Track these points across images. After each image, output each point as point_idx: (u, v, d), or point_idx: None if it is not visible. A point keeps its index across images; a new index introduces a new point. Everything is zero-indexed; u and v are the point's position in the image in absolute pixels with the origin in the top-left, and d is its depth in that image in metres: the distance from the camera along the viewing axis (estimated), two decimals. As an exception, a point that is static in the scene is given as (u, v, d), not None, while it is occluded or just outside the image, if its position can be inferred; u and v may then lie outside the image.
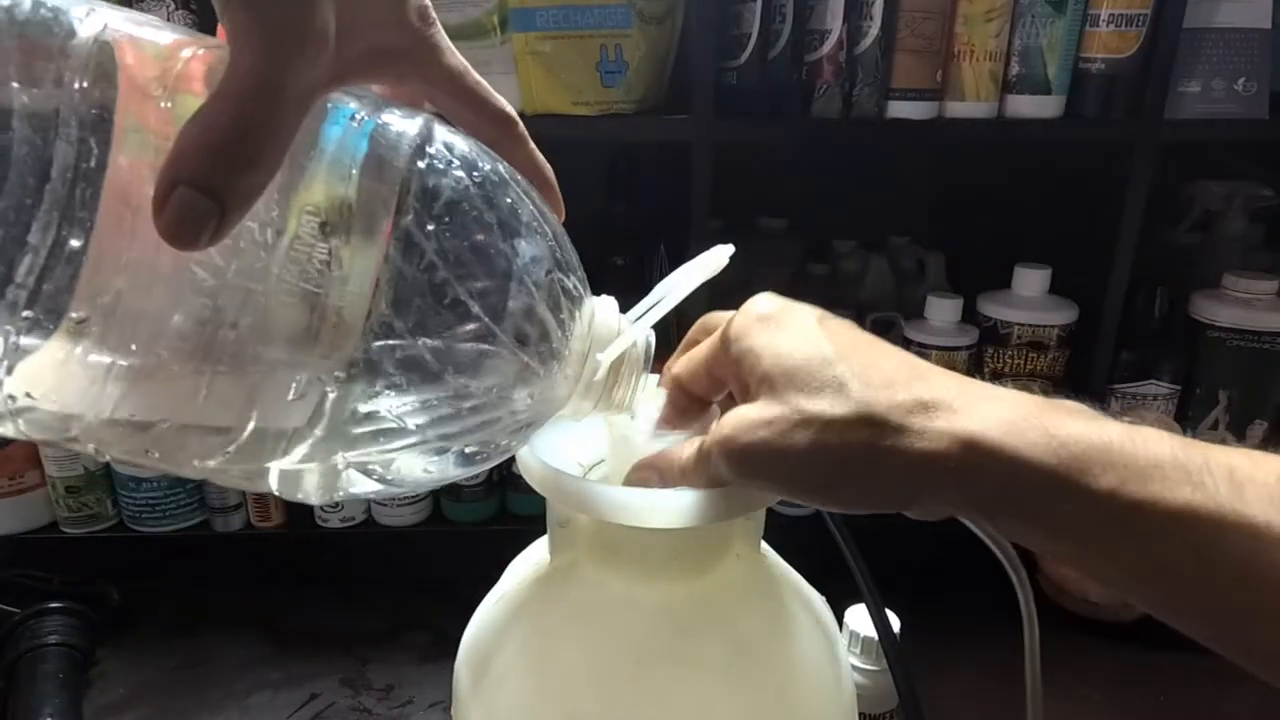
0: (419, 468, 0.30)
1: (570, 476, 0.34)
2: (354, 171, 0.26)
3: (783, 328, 0.31)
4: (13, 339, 0.23)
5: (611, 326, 0.33)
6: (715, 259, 0.34)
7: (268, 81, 0.22)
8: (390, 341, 0.26)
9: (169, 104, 0.24)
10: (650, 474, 0.34)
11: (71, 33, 0.23)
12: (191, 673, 0.78)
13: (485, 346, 0.28)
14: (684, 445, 0.33)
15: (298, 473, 0.28)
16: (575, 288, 0.31)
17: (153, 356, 0.24)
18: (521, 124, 0.33)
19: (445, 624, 0.83)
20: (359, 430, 0.27)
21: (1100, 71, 0.78)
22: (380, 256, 0.26)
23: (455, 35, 0.77)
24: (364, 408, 0.27)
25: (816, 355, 0.29)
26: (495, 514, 0.90)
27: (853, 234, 1.03)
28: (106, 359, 0.24)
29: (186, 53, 0.25)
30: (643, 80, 0.77)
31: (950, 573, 0.86)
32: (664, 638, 0.36)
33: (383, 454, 0.28)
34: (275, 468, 0.28)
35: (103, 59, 0.23)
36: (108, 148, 0.23)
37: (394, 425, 0.28)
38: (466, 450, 0.30)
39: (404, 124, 0.27)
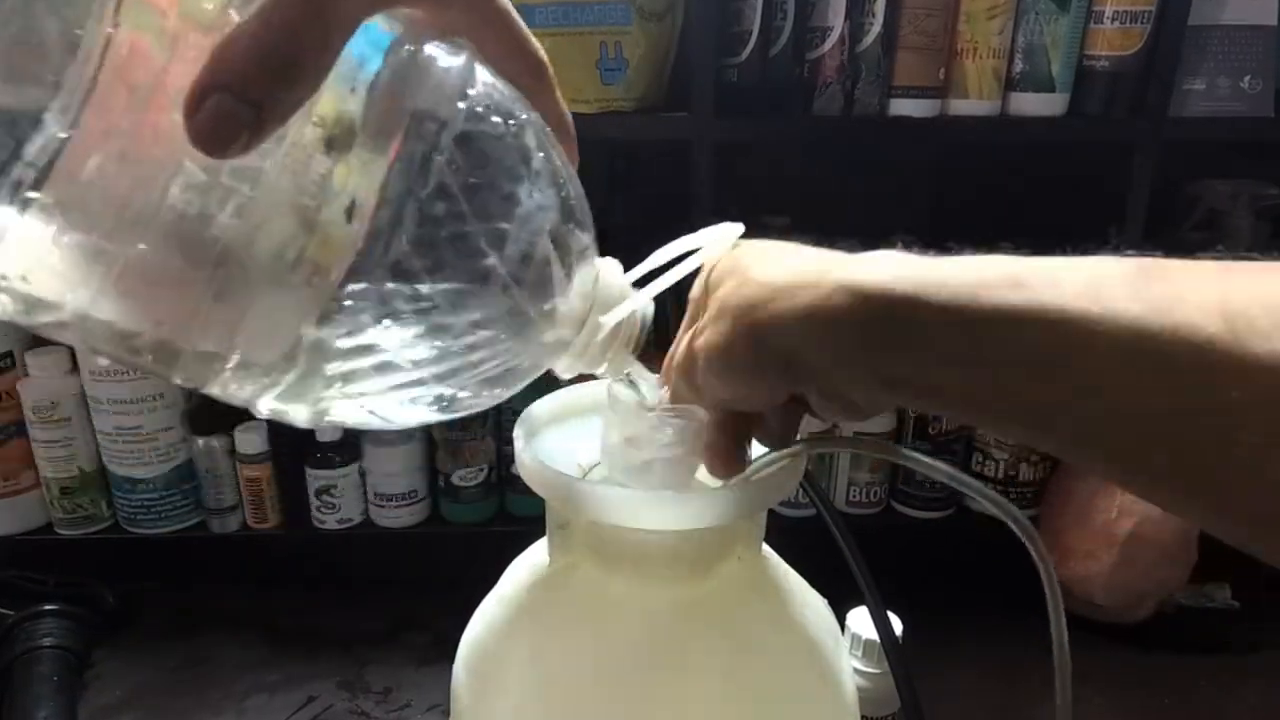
0: (404, 406, 0.29)
1: (570, 478, 0.34)
2: (364, 89, 0.25)
3: (727, 273, 0.32)
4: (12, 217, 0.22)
5: (616, 290, 0.32)
6: (727, 234, 0.34)
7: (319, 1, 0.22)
8: (382, 269, 0.25)
9: None
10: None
11: None
12: (188, 675, 0.77)
13: (483, 284, 0.27)
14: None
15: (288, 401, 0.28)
16: (588, 246, 0.31)
17: (129, 246, 0.23)
18: (551, 71, 0.32)
19: (444, 626, 0.83)
20: (343, 365, 0.27)
21: (1104, 69, 0.78)
22: (381, 179, 0.25)
23: (454, 32, 0.76)
24: (348, 343, 0.26)
25: (736, 268, 0.31)
26: (494, 515, 0.89)
27: (855, 232, 1.02)
28: (78, 244, 0.23)
29: None
30: (642, 78, 0.77)
31: (952, 574, 0.85)
32: (665, 640, 0.36)
33: (366, 390, 0.28)
34: (267, 397, 0.27)
35: None
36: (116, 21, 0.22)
37: (379, 360, 0.27)
38: (457, 394, 0.30)
39: (448, 57, 0.27)
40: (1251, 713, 0.75)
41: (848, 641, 0.60)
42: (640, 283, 0.34)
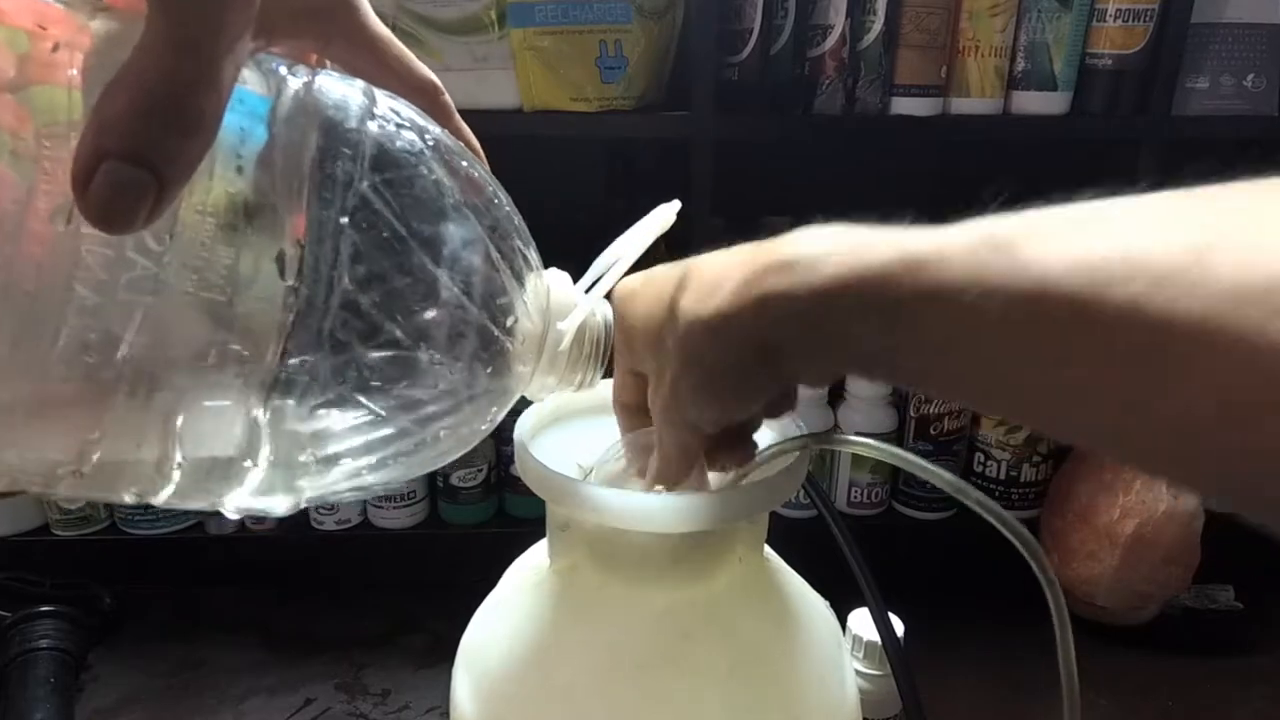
0: (390, 473, 0.28)
1: (570, 479, 0.34)
2: (252, 164, 0.23)
3: (641, 298, 0.32)
4: None
5: (569, 298, 0.32)
6: (662, 217, 0.33)
7: (198, 34, 0.20)
8: (324, 328, 0.23)
9: (26, 100, 0.21)
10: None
11: None
12: (185, 677, 0.77)
13: (439, 314, 0.25)
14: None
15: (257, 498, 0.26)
16: (531, 257, 0.30)
17: (29, 390, 0.21)
18: (446, 94, 0.31)
19: (442, 628, 0.82)
20: (307, 455, 0.25)
21: (1107, 67, 0.77)
22: (297, 236, 0.23)
23: (452, 30, 0.77)
24: (306, 428, 0.24)
25: (657, 305, 0.31)
26: (493, 516, 0.89)
27: (855, 233, 1.02)
28: None
29: (55, 34, 0.21)
30: (643, 76, 0.77)
31: (954, 575, 0.85)
32: (666, 642, 0.35)
33: (347, 473, 0.26)
34: (232, 499, 0.26)
35: None
36: None
37: (347, 444, 0.25)
38: (437, 450, 0.28)
39: (342, 85, 0.25)
40: (1255, 715, 0.75)
41: (849, 643, 0.60)
42: (591, 290, 0.34)
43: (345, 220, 0.23)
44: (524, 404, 0.35)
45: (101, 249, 0.21)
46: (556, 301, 0.31)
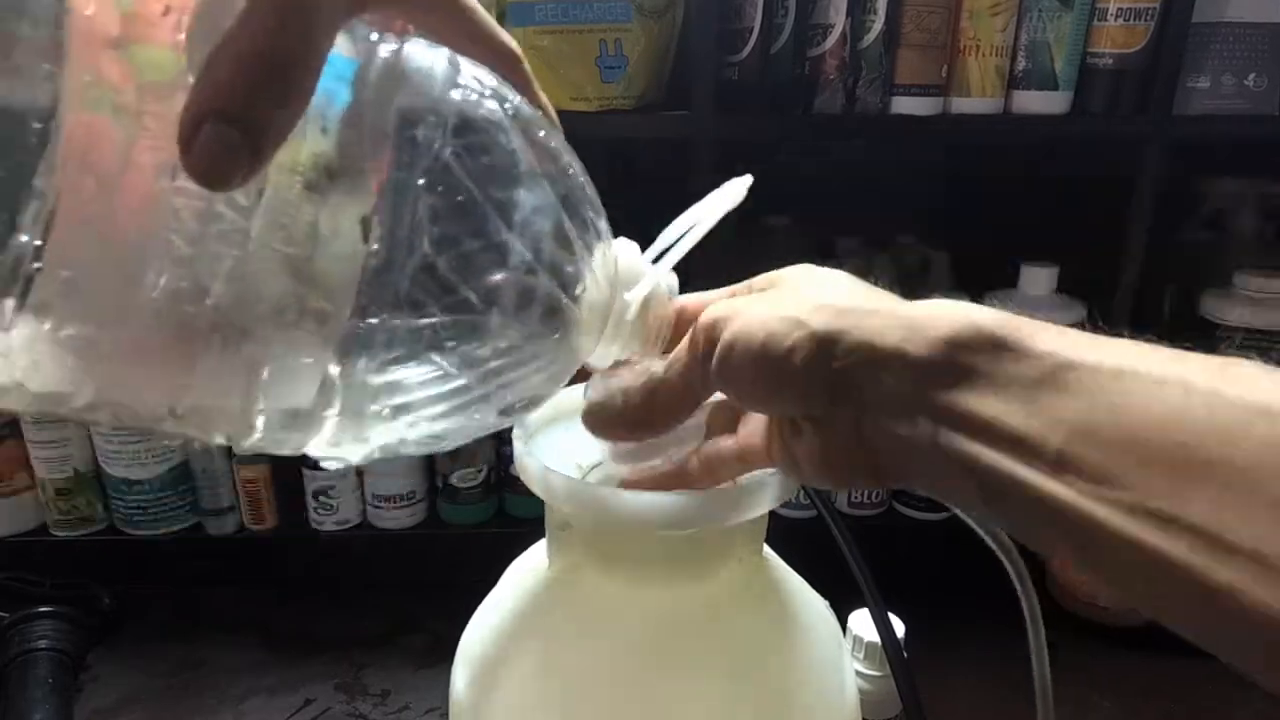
0: (456, 423, 0.28)
1: (570, 479, 0.33)
2: (336, 125, 0.24)
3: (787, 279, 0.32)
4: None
5: (636, 268, 0.32)
6: (734, 191, 0.33)
7: (298, 3, 0.21)
8: (400, 288, 0.24)
9: (129, 57, 0.22)
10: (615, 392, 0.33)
11: None
12: (184, 678, 0.77)
13: (512, 279, 0.26)
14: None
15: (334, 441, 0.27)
16: (603, 227, 0.30)
17: (126, 334, 0.22)
18: (525, 63, 0.32)
19: (442, 628, 0.82)
20: (379, 405, 0.26)
21: (1108, 67, 0.77)
22: (374, 199, 0.24)
23: (452, 29, 0.76)
24: (376, 380, 0.25)
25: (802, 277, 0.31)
26: (493, 516, 0.89)
27: (856, 232, 1.02)
28: (74, 336, 0.22)
29: None
30: (643, 76, 0.77)
31: (955, 576, 0.85)
32: (665, 643, 0.35)
33: (413, 425, 0.27)
34: (310, 447, 0.27)
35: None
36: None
37: (415, 396, 0.26)
38: (501, 406, 0.29)
39: (429, 52, 0.26)
40: (1256, 715, 0.75)
41: (849, 644, 0.60)
42: (657, 260, 0.34)
43: (425, 184, 0.24)
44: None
45: (194, 202, 0.22)
46: (624, 271, 0.31)
